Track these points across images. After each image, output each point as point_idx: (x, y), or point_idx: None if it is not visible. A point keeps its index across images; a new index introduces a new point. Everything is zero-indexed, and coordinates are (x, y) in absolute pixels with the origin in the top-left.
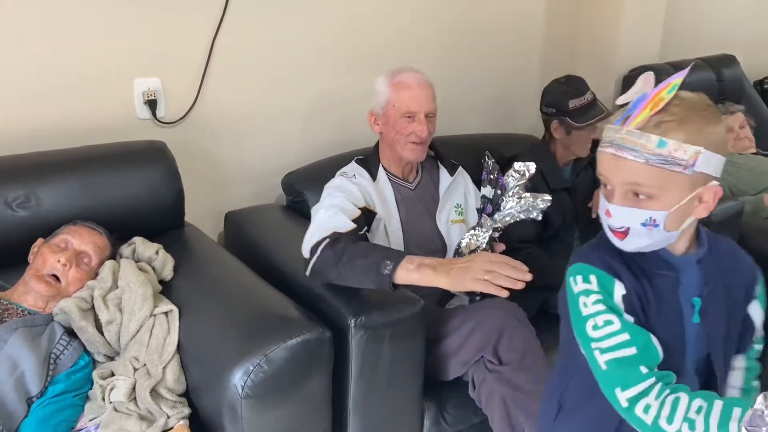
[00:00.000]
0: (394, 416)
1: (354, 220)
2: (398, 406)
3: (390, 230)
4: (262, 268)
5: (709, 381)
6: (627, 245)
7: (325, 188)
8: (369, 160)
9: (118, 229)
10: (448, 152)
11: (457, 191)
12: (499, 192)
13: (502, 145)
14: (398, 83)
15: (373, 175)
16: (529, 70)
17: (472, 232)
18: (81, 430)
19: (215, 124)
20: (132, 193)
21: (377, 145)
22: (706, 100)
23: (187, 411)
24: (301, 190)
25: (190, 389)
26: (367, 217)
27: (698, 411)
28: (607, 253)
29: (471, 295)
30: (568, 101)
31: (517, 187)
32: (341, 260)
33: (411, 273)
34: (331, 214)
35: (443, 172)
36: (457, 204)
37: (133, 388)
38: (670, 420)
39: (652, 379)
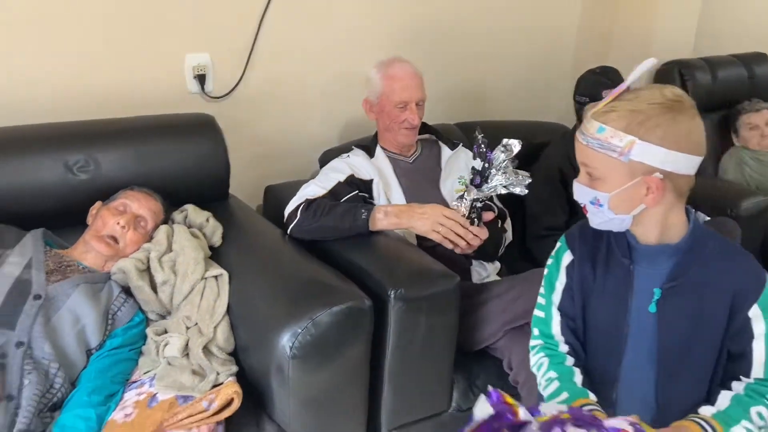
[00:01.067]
0: (425, 386)
1: (331, 190)
2: (430, 377)
3: (393, 200)
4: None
5: (674, 374)
6: (590, 221)
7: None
8: (367, 143)
9: (168, 197)
10: (471, 137)
11: (458, 164)
12: (486, 165)
13: (531, 132)
14: (391, 76)
15: (371, 154)
16: (562, 59)
17: (456, 201)
18: (136, 381)
19: (258, 100)
20: (182, 163)
21: (377, 132)
22: (672, 96)
23: (235, 369)
24: None
25: (238, 349)
26: (359, 185)
27: (548, 381)
28: (588, 230)
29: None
30: (602, 91)
31: (505, 162)
32: (318, 214)
33: (381, 220)
34: (305, 188)
35: (444, 148)
36: (461, 176)
37: (186, 345)
38: (539, 373)
39: (539, 341)
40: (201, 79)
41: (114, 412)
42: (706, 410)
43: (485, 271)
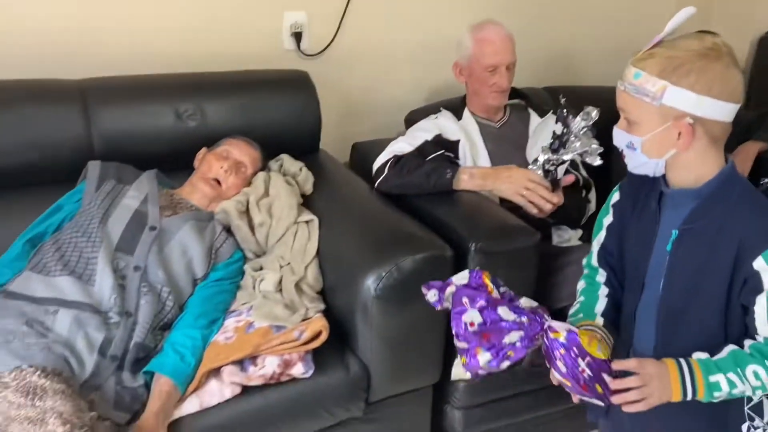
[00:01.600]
0: None
1: (418, 147)
2: None
3: (478, 163)
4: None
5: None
6: (627, 165)
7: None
8: (455, 105)
9: (265, 147)
10: (560, 102)
11: (546, 131)
12: (565, 130)
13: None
14: (482, 39)
15: (458, 116)
16: (660, 23)
17: (531, 164)
18: (234, 311)
19: (349, 60)
20: (279, 116)
21: (465, 95)
22: (709, 44)
23: (322, 306)
24: None
25: (325, 288)
26: (445, 145)
27: (576, 303)
28: (637, 175)
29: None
30: None
31: (584, 129)
32: (404, 171)
33: (466, 182)
34: (393, 145)
35: (533, 115)
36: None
37: (280, 282)
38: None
39: (585, 270)
40: (297, 36)
41: (216, 335)
42: (696, 355)
43: (566, 234)
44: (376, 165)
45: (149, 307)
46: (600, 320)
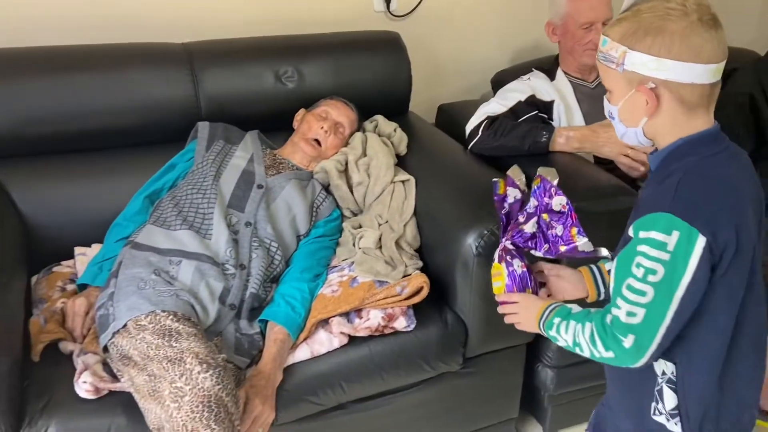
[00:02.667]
0: None
1: (511, 108)
2: None
3: (573, 124)
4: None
5: None
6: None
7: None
8: (547, 65)
9: (358, 108)
10: None
11: None
12: None
13: None
14: None
15: (551, 76)
16: None
17: None
18: (336, 266)
19: (437, 20)
20: (371, 78)
21: (557, 55)
22: (671, 5)
23: (420, 263)
24: None
25: (422, 246)
26: (539, 106)
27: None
28: None
29: None
30: None
31: None
32: (498, 134)
33: (562, 145)
34: (485, 106)
35: None
36: None
37: (379, 239)
38: None
39: None
40: None
41: (322, 288)
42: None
43: None
44: (469, 127)
45: (260, 260)
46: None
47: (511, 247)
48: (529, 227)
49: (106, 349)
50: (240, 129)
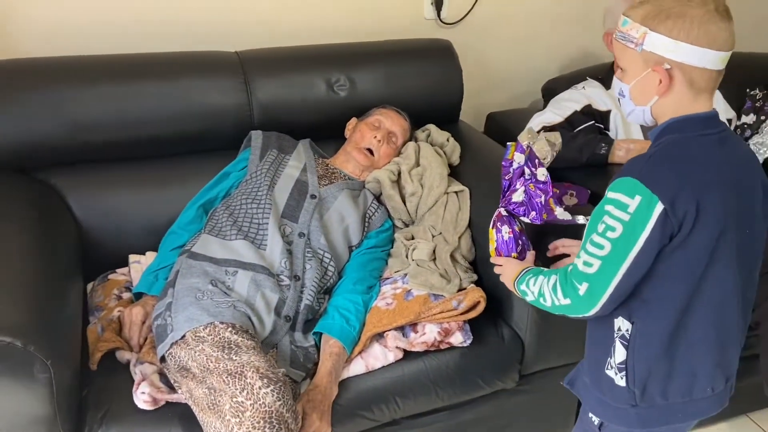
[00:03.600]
0: None
1: (567, 118)
2: None
3: (631, 134)
4: None
5: None
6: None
7: (551, 100)
8: (602, 73)
9: (410, 116)
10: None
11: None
12: (763, 118)
13: None
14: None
15: (607, 85)
16: None
17: None
18: (389, 278)
19: (486, 28)
20: (422, 86)
21: (612, 63)
22: None
23: (475, 276)
24: None
25: (477, 259)
26: (595, 116)
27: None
28: None
29: None
30: None
31: None
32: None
33: (622, 158)
34: (540, 115)
35: None
36: None
37: (433, 251)
38: None
39: None
40: (438, 4)
41: (376, 301)
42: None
43: None
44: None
45: (314, 271)
46: None
47: (504, 213)
48: (517, 196)
49: (163, 359)
50: (292, 138)
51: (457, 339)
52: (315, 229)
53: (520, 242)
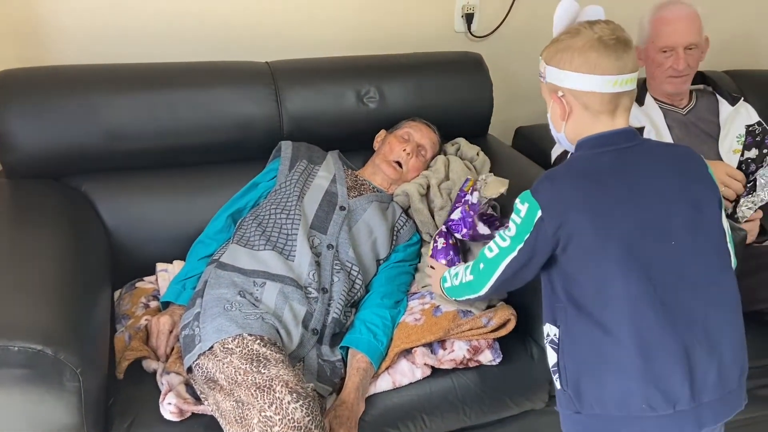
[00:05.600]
0: None
1: None
2: None
3: None
4: None
5: None
6: None
7: None
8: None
9: (439, 129)
10: (743, 87)
11: (737, 121)
12: (765, 151)
13: None
14: (659, 19)
15: (640, 102)
16: None
17: (750, 200)
18: (416, 293)
19: (517, 42)
20: (452, 99)
21: (644, 79)
22: (577, 26)
23: (505, 294)
24: None
25: None
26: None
27: None
28: None
29: None
30: None
31: None
32: None
33: None
34: None
35: (723, 104)
36: (739, 135)
37: None
38: None
39: None
40: (468, 18)
41: (404, 316)
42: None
43: (765, 236)
44: (555, 153)
45: (342, 284)
46: None
47: (444, 229)
48: (455, 215)
49: (190, 369)
50: (321, 149)
51: (487, 357)
52: (343, 241)
53: (451, 253)
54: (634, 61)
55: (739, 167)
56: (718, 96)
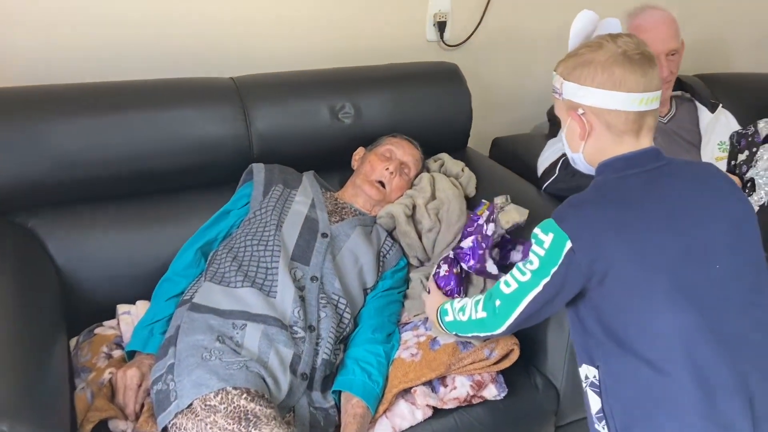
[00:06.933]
0: None
1: None
2: None
3: None
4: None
5: None
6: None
7: None
8: None
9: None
10: (715, 91)
11: (718, 129)
12: (754, 150)
13: None
14: (636, 27)
15: None
16: None
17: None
18: (408, 323)
19: (489, 51)
20: (431, 111)
21: None
22: (597, 41)
23: None
24: None
25: None
26: None
27: None
28: None
29: None
30: None
31: None
32: (577, 174)
33: None
34: (558, 143)
35: (702, 111)
36: (721, 142)
37: None
38: None
39: None
40: (441, 26)
41: (399, 351)
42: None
43: None
44: (542, 165)
45: (329, 320)
46: None
47: (451, 256)
48: (466, 243)
49: (165, 430)
50: (295, 170)
51: (491, 392)
52: (328, 271)
53: (452, 283)
54: (659, 78)
55: (731, 172)
56: (697, 103)
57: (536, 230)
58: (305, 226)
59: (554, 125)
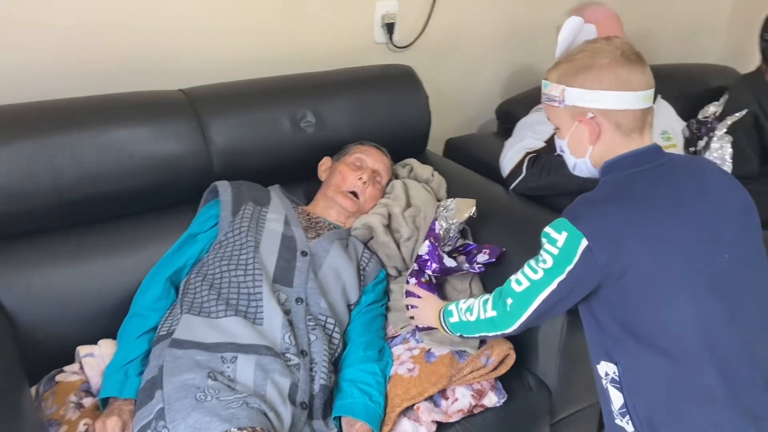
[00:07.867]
0: None
1: (548, 141)
2: None
3: None
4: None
5: None
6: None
7: (517, 125)
8: None
9: None
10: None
11: (658, 118)
12: (711, 135)
13: (702, 77)
14: (593, 22)
15: None
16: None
17: None
18: (396, 336)
19: (436, 51)
20: (391, 115)
21: None
22: (594, 44)
23: None
24: (519, 117)
25: None
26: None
27: None
28: None
29: None
30: None
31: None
32: (545, 171)
33: None
34: (519, 141)
35: None
36: (663, 131)
37: None
38: None
39: None
40: (389, 27)
41: (394, 367)
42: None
43: None
44: (507, 165)
45: (320, 343)
46: None
47: (416, 267)
48: (422, 249)
49: None
50: (262, 186)
51: (492, 400)
52: (312, 291)
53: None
54: (651, 74)
55: None
56: None
57: (548, 229)
58: (283, 245)
59: (504, 124)
